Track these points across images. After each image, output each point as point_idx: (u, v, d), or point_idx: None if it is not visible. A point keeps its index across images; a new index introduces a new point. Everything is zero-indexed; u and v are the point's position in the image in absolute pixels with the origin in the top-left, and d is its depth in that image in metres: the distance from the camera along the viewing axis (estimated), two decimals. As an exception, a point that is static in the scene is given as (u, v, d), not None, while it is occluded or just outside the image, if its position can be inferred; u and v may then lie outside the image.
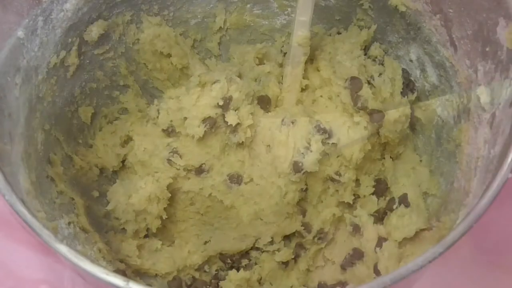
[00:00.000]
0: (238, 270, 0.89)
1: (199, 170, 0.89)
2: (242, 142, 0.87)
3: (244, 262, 0.92)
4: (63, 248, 0.58)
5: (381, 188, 0.90)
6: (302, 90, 0.91)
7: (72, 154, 0.88)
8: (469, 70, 0.77)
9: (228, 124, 0.84)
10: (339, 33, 0.94)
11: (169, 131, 0.91)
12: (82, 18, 0.85)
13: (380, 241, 0.83)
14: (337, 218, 0.89)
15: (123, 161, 0.94)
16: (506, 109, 0.68)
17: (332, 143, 0.86)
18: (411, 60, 0.90)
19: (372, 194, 0.90)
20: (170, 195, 0.88)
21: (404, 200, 0.87)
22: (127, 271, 0.85)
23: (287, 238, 0.92)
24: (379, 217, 0.87)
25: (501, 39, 0.70)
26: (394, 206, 0.86)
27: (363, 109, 0.84)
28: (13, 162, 0.71)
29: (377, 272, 0.82)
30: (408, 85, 0.89)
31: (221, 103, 0.83)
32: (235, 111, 0.85)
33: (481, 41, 0.74)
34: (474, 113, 0.76)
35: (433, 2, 0.81)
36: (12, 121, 0.74)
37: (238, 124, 0.85)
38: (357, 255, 0.86)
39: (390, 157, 0.92)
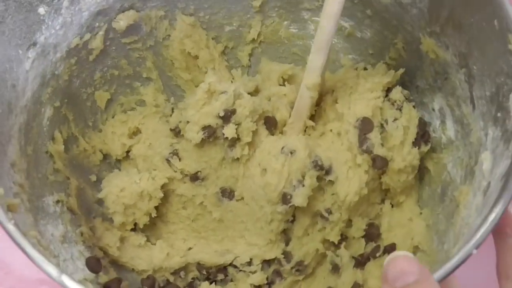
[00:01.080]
0: (212, 283, 0.88)
1: (194, 177, 0.89)
2: (238, 158, 0.86)
3: (220, 276, 0.90)
4: (10, 227, 0.59)
5: (372, 233, 0.86)
6: (306, 128, 0.88)
7: (79, 135, 0.89)
8: (481, 132, 0.73)
9: (225, 136, 0.83)
10: (365, 68, 0.91)
11: (176, 132, 0.91)
12: (113, 6, 0.86)
13: (354, 287, 0.79)
14: (320, 254, 0.87)
15: (128, 152, 0.95)
16: (497, 182, 0.64)
17: (329, 180, 0.83)
18: (433, 109, 0.85)
19: (363, 237, 0.87)
20: (162, 195, 0.88)
21: (391, 250, 0.82)
22: (104, 260, 0.85)
23: (267, 263, 0.89)
24: (362, 261, 0.83)
25: (511, 107, 0.65)
26: (378, 254, 0.83)
27: (367, 153, 0.81)
28: (5, 132, 0.72)
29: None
30: (423, 136, 0.84)
31: (221, 114, 0.82)
32: (236, 125, 0.83)
33: (496, 105, 0.69)
34: (477, 178, 0.72)
35: (461, 55, 0.76)
36: (16, 93, 0.75)
37: (237, 139, 0.84)
38: (329, 295, 0.83)
39: (390, 203, 0.88)
